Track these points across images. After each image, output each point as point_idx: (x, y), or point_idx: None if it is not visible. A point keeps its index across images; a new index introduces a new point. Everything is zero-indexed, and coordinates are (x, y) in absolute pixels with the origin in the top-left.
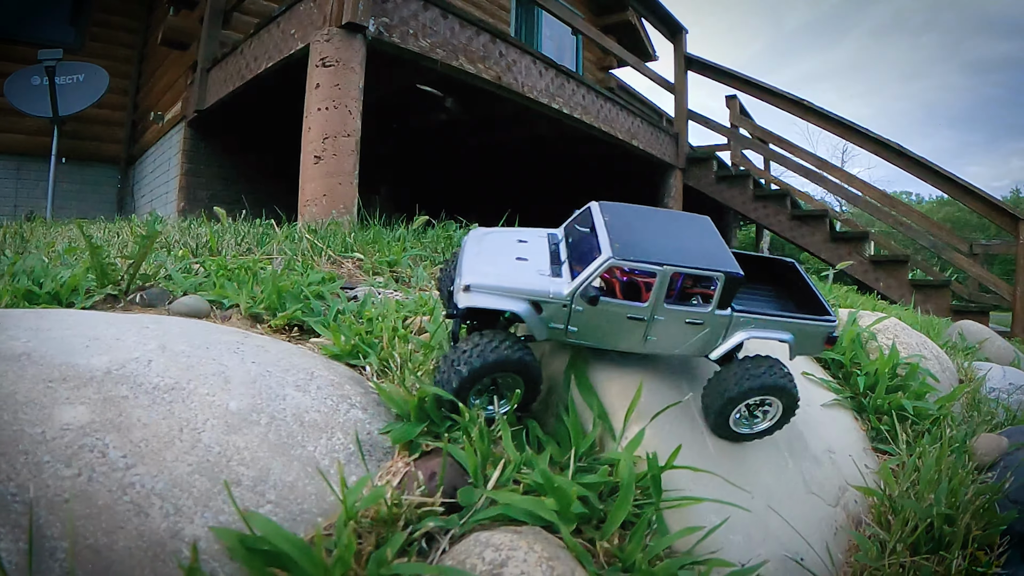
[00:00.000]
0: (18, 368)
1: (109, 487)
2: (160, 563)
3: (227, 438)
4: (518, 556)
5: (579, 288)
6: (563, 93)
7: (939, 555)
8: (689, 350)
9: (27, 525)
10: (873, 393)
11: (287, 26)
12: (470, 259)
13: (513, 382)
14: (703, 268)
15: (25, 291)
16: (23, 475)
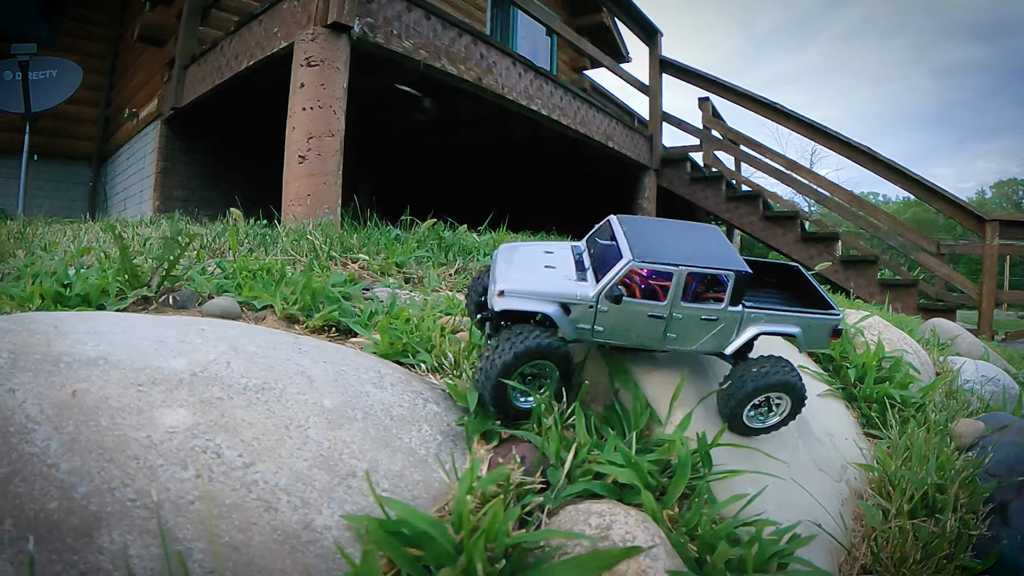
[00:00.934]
0: (101, 373)
1: (232, 486)
2: (299, 554)
3: (332, 433)
4: (619, 519)
5: (604, 289)
6: (541, 94)
7: (934, 518)
8: (706, 347)
9: (154, 529)
10: (862, 384)
11: (270, 24)
12: (502, 269)
13: (548, 370)
14: (714, 268)
15: (54, 293)
16: (139, 480)
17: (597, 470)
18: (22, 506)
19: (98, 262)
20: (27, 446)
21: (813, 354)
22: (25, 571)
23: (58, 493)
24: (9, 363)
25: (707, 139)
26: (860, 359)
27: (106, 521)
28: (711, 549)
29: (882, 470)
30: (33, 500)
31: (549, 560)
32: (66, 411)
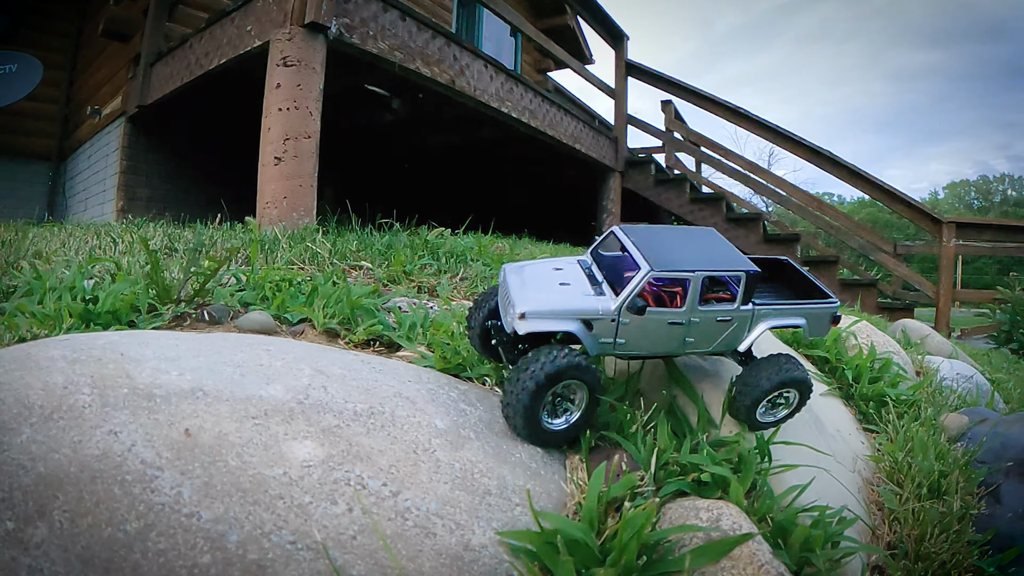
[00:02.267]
0: (205, 406)
1: (387, 515)
2: (465, 574)
3: (457, 454)
4: (725, 512)
5: (625, 302)
6: (512, 97)
7: (942, 500)
8: (720, 347)
9: (325, 570)
10: (858, 384)
11: (243, 22)
12: (516, 290)
13: (576, 389)
14: (727, 269)
15: (82, 311)
16: (292, 520)
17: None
18: (168, 564)
19: (110, 274)
20: (154, 495)
21: (810, 357)
22: None
23: (208, 545)
24: (98, 401)
25: (670, 141)
26: (854, 361)
27: (271, 569)
28: (784, 532)
29: (892, 460)
30: (181, 556)
31: (673, 553)
32: (186, 452)
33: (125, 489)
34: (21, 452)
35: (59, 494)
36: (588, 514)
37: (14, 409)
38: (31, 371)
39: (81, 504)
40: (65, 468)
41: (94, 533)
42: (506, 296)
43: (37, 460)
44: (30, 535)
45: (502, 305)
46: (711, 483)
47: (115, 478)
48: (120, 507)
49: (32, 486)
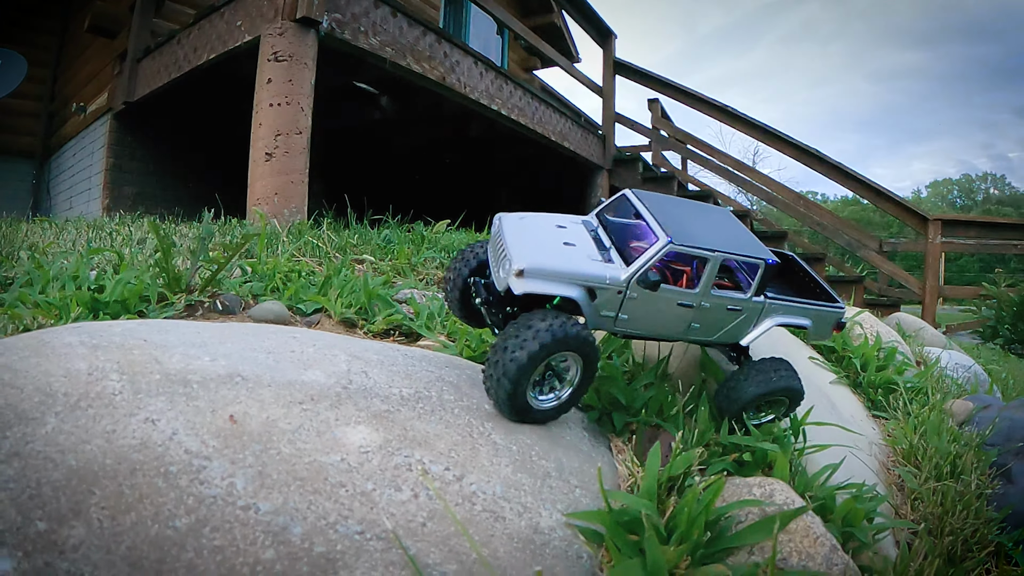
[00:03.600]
0: (248, 392)
1: (455, 500)
2: (539, 557)
3: (513, 437)
4: (776, 488)
5: (637, 273)
6: (501, 94)
7: (959, 479)
8: (724, 338)
9: (398, 560)
10: (865, 372)
11: (232, 17)
12: (514, 242)
13: (572, 363)
14: (748, 255)
15: (90, 299)
16: (358, 510)
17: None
18: (227, 562)
19: (113, 265)
20: (204, 487)
21: (817, 346)
22: None
23: (270, 540)
24: (129, 387)
25: (657, 139)
26: (860, 350)
27: (341, 562)
28: (824, 508)
29: (908, 443)
30: (240, 553)
31: (730, 529)
32: (234, 440)
33: (170, 481)
34: (48, 444)
35: (95, 489)
36: (648, 493)
37: (35, 397)
38: (48, 358)
39: (122, 500)
40: (99, 460)
41: (139, 531)
42: (500, 249)
43: (67, 452)
44: (65, 536)
45: (493, 259)
46: (751, 463)
47: (158, 470)
48: (167, 501)
49: (63, 481)
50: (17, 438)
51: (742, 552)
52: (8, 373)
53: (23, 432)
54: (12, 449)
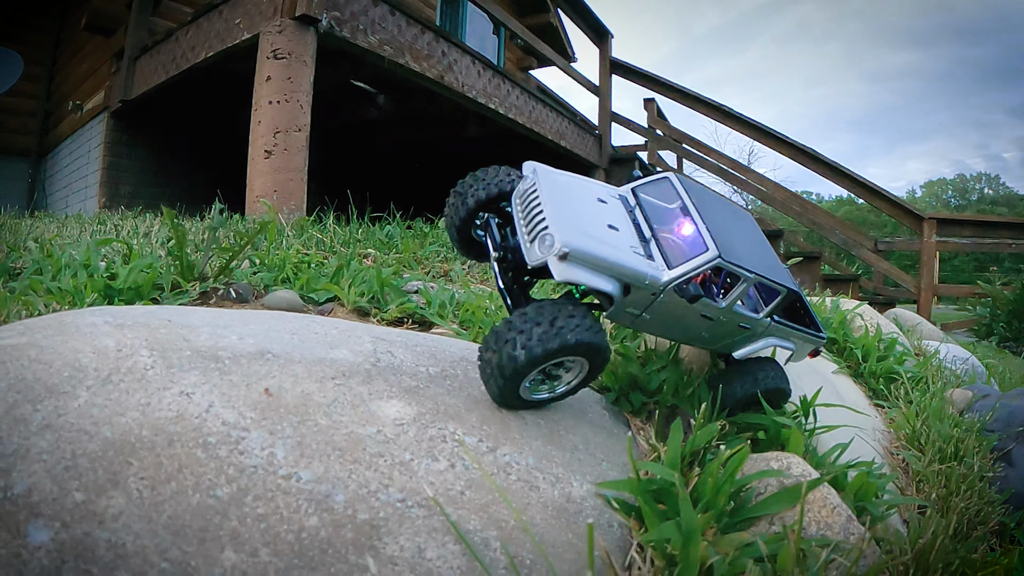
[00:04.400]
0: (280, 367)
1: (492, 470)
2: (574, 525)
3: (541, 413)
4: (793, 461)
5: (678, 280)
6: (499, 93)
7: (961, 461)
8: (722, 348)
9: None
10: (866, 362)
11: (231, 15)
12: (556, 213)
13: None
14: (777, 282)
15: (104, 286)
16: (398, 479)
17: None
18: (271, 529)
19: (122, 256)
20: (244, 457)
21: None
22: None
23: (313, 507)
24: (160, 362)
25: (652, 138)
26: (861, 341)
27: (385, 528)
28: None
29: (910, 428)
30: (284, 520)
31: (751, 500)
32: (271, 412)
33: (210, 452)
34: (81, 416)
35: (133, 460)
36: (673, 464)
37: (64, 372)
38: (73, 336)
39: (161, 470)
40: (136, 432)
41: (181, 501)
42: (535, 210)
43: (101, 424)
44: (104, 507)
45: (525, 218)
46: (765, 441)
47: (196, 440)
48: (207, 471)
49: (99, 452)
50: (48, 411)
51: (763, 522)
52: (33, 349)
53: (54, 405)
54: (44, 422)
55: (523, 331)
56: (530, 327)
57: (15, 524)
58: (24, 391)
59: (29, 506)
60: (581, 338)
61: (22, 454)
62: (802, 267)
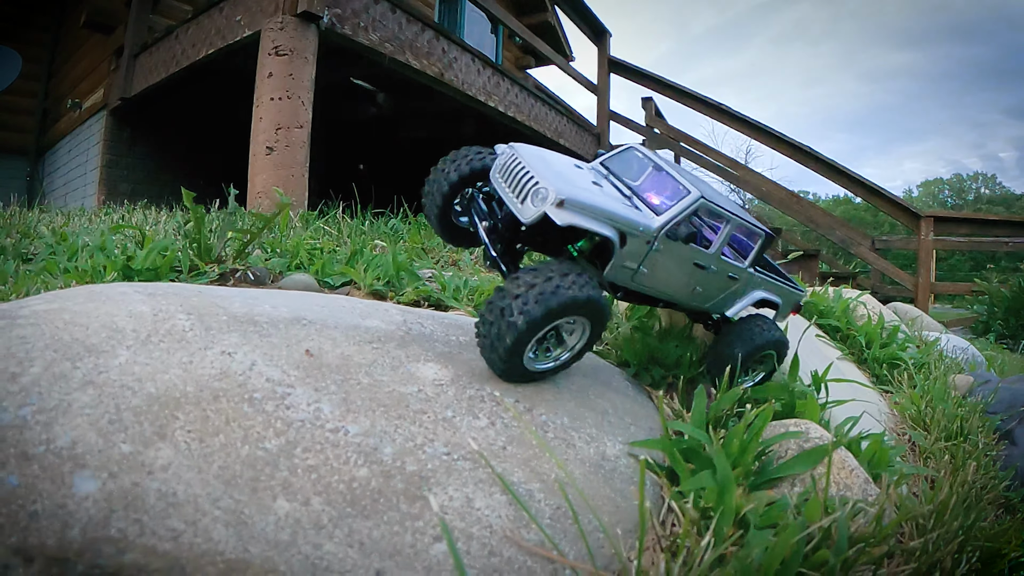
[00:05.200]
0: (316, 331)
1: (533, 426)
2: (611, 480)
3: (571, 379)
4: (811, 427)
5: (668, 224)
6: (498, 91)
7: (966, 439)
8: (717, 306)
9: (485, 478)
10: (870, 349)
11: (232, 12)
12: (544, 172)
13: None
14: (754, 225)
15: (123, 266)
16: (442, 434)
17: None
18: (322, 480)
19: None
20: (291, 412)
21: (822, 325)
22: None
23: (362, 459)
24: (199, 325)
25: (651, 137)
26: (865, 329)
27: (433, 479)
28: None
29: (916, 409)
30: (335, 471)
31: (774, 460)
32: (314, 371)
33: (256, 407)
34: (123, 373)
35: (179, 414)
36: (698, 426)
37: (102, 334)
38: (105, 302)
39: (208, 423)
40: (180, 388)
41: (230, 452)
42: (521, 176)
43: (144, 381)
44: (152, 458)
45: (510, 185)
46: (781, 411)
47: (242, 396)
48: (255, 425)
49: (144, 407)
50: (88, 368)
51: (785, 483)
52: (67, 314)
53: (94, 363)
54: (85, 378)
55: (519, 295)
56: (525, 290)
57: (60, 475)
58: (62, 350)
59: (74, 457)
60: (579, 295)
61: (64, 408)
62: (800, 264)
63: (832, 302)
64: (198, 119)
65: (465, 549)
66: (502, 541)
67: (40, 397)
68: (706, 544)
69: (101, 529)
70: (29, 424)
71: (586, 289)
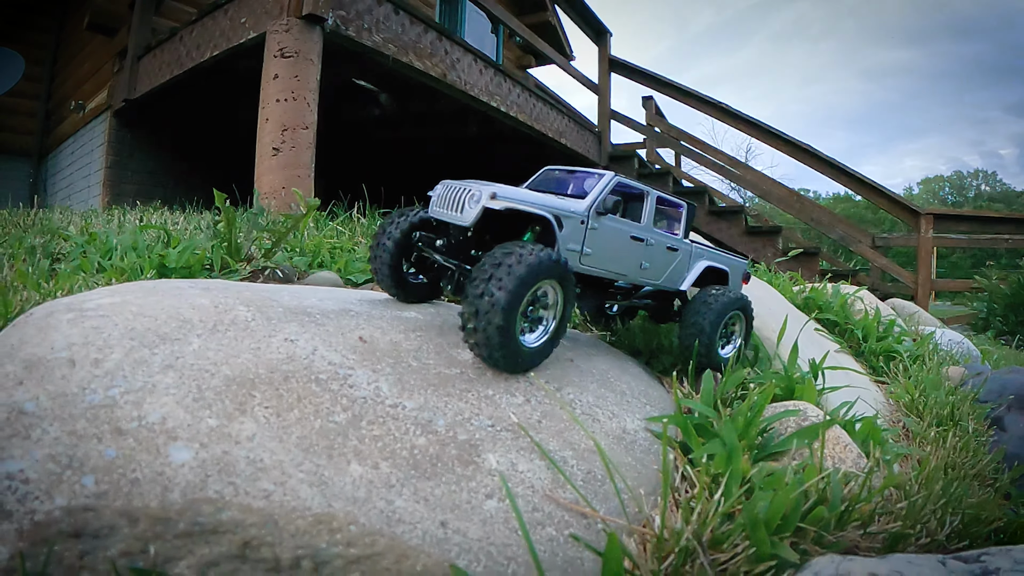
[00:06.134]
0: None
1: (566, 402)
2: (632, 450)
3: (592, 363)
4: (808, 407)
5: (595, 202)
6: (500, 91)
7: (957, 425)
8: (669, 281)
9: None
10: (867, 342)
11: (236, 14)
12: (476, 184)
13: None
14: (672, 199)
15: (158, 264)
16: (486, 409)
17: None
18: (387, 448)
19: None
20: (353, 390)
21: (821, 320)
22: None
23: (419, 430)
24: (259, 316)
25: (651, 136)
26: (862, 322)
27: (482, 446)
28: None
29: (909, 397)
30: (397, 440)
31: (775, 437)
32: (369, 355)
33: (323, 386)
34: (199, 358)
35: (255, 393)
36: (707, 402)
37: (171, 324)
38: (166, 296)
39: (282, 400)
40: (253, 370)
41: (305, 425)
42: (455, 197)
43: (220, 364)
44: (237, 430)
45: (449, 206)
46: (781, 394)
47: (308, 377)
48: (324, 401)
49: (223, 387)
50: (166, 354)
51: (785, 457)
52: (132, 307)
53: (170, 350)
54: (164, 363)
55: (489, 276)
56: (491, 271)
57: (155, 447)
58: (137, 338)
59: (166, 431)
60: (542, 257)
61: (149, 389)
62: (800, 262)
63: (831, 298)
64: (202, 119)
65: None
66: (543, 498)
67: (125, 380)
68: (717, 501)
69: (199, 491)
70: (119, 403)
71: (545, 251)
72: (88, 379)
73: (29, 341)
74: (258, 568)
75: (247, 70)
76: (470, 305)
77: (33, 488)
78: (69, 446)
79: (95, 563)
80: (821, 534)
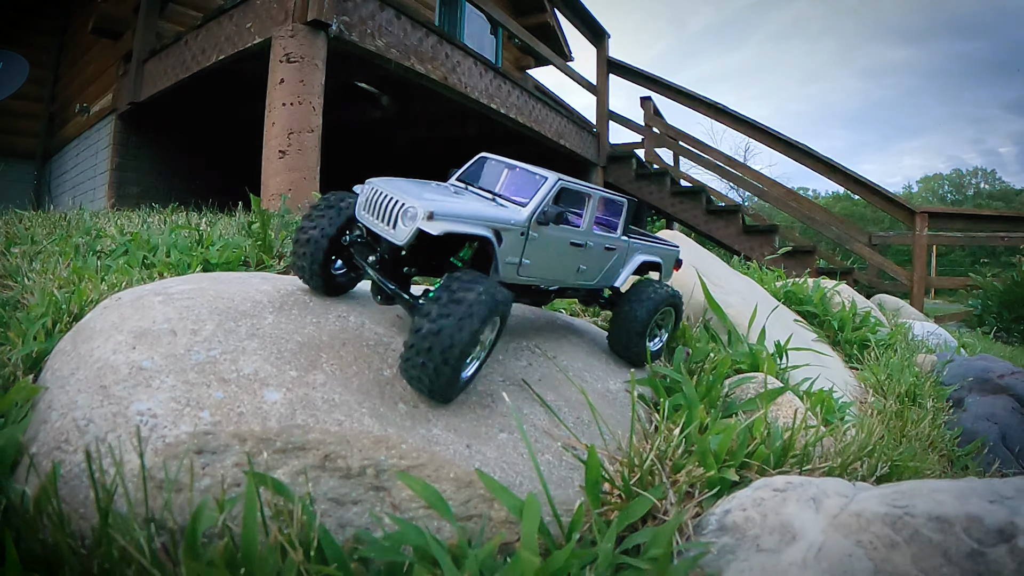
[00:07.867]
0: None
1: (555, 370)
2: (615, 403)
3: (582, 338)
4: (769, 379)
5: (537, 210)
6: (500, 94)
7: (917, 404)
8: (604, 279)
9: (529, 397)
10: (843, 332)
11: (241, 20)
12: (406, 195)
13: (490, 327)
14: (615, 196)
15: (203, 261)
16: (497, 369)
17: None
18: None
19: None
20: (396, 353)
21: (800, 312)
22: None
23: None
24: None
25: (649, 136)
26: (839, 314)
27: (496, 395)
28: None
29: (876, 380)
30: None
31: (739, 399)
32: (404, 328)
33: (372, 349)
34: (275, 329)
35: (322, 354)
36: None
37: (246, 304)
38: (232, 284)
39: (341, 359)
40: (317, 338)
41: (362, 377)
42: (385, 203)
43: (292, 333)
44: (313, 379)
45: (378, 215)
46: (747, 368)
47: (360, 342)
48: (374, 360)
49: (297, 349)
50: (248, 326)
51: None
52: (209, 291)
53: (250, 323)
54: (248, 332)
55: (448, 313)
56: (451, 307)
57: (252, 390)
58: (222, 314)
59: (259, 380)
60: (499, 299)
61: (241, 351)
62: (796, 259)
63: (811, 291)
64: (206, 121)
65: (520, 438)
66: (543, 434)
67: (220, 344)
68: (678, 437)
69: (289, 420)
70: (219, 360)
71: (500, 288)
72: (190, 344)
73: (130, 318)
74: (335, 474)
75: (249, 72)
76: (423, 340)
77: (161, 420)
78: (185, 391)
79: (214, 472)
80: (764, 468)
